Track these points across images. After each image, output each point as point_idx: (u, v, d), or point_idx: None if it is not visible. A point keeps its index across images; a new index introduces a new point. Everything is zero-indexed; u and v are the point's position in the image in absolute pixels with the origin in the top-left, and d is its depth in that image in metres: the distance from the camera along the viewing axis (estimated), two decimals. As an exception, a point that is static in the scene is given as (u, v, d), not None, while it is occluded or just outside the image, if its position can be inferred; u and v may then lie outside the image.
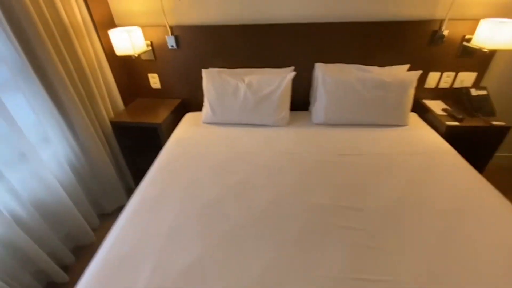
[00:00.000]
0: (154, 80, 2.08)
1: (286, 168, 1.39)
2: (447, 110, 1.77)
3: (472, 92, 1.74)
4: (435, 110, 1.80)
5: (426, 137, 1.63)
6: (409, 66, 1.78)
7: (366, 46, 1.80)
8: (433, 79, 1.88)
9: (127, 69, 2.04)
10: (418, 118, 1.85)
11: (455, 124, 1.64)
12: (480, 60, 1.78)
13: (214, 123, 1.84)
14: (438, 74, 1.86)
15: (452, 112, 1.74)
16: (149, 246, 1.00)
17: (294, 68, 1.85)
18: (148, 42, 1.90)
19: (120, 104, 1.98)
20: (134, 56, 1.74)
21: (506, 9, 1.63)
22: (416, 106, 1.82)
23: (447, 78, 1.87)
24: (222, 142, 1.63)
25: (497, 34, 1.50)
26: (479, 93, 1.75)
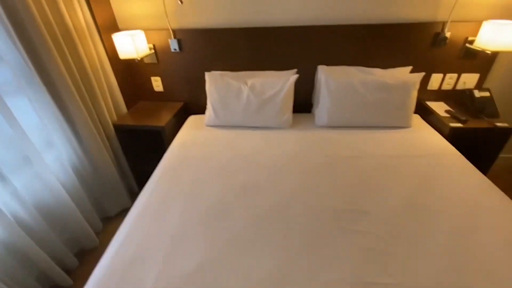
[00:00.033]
0: (157, 83, 2.09)
1: (290, 171, 1.39)
2: (450, 112, 1.77)
3: (475, 93, 1.74)
4: (438, 111, 1.80)
5: (429, 139, 1.63)
6: (411, 68, 1.79)
7: (369, 48, 1.81)
8: (436, 81, 1.88)
9: (130, 72, 2.04)
10: (421, 119, 1.84)
11: (459, 125, 1.64)
12: (482, 61, 1.78)
13: (217, 126, 1.84)
14: (441, 75, 1.86)
15: (455, 113, 1.74)
16: (154, 250, 1.00)
17: (296, 70, 1.85)
18: (150, 45, 1.90)
19: (123, 107, 1.98)
20: (137, 59, 1.75)
21: (508, 10, 1.63)
22: (418, 108, 1.82)
23: (450, 80, 1.87)
24: (225, 145, 1.63)
25: (499, 35, 1.50)
26: (482, 94, 1.75)
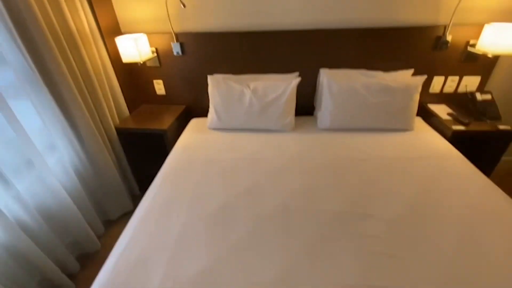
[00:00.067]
0: (159, 86, 2.09)
1: (293, 173, 1.39)
2: (453, 115, 1.77)
3: (477, 96, 1.75)
4: (440, 114, 1.80)
5: (432, 141, 1.63)
6: (413, 71, 1.79)
7: (370, 52, 1.81)
8: (437, 84, 1.89)
9: (132, 75, 2.05)
10: (423, 122, 1.85)
11: (462, 128, 1.64)
12: (484, 64, 1.79)
13: (220, 129, 1.84)
14: (443, 78, 1.87)
15: (457, 116, 1.74)
16: (158, 254, 0.99)
17: (298, 73, 1.86)
18: (153, 49, 1.91)
19: (125, 110, 1.98)
20: (140, 63, 1.75)
21: (509, 14, 1.64)
22: (420, 111, 1.82)
23: (452, 83, 1.88)
24: (228, 148, 1.63)
25: (501, 39, 1.51)
26: (484, 97, 1.75)
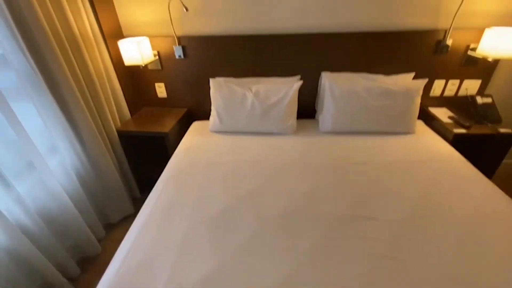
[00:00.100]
0: (161, 89, 2.09)
1: (296, 177, 1.38)
2: (453, 118, 1.78)
3: (477, 99, 1.76)
4: (441, 117, 1.81)
5: (434, 144, 1.63)
6: (414, 74, 1.80)
7: (372, 55, 1.82)
8: (438, 87, 1.90)
9: (134, 78, 2.05)
10: (424, 125, 1.85)
11: (463, 131, 1.65)
12: (484, 68, 1.80)
13: (222, 132, 1.84)
14: (443, 82, 1.88)
15: (458, 119, 1.75)
16: (161, 258, 0.98)
17: (300, 77, 1.86)
18: (155, 52, 1.91)
19: (126, 113, 1.98)
20: (142, 65, 1.75)
21: (509, 18, 1.66)
22: (421, 114, 1.82)
23: (452, 86, 1.89)
24: (230, 151, 1.63)
25: (502, 43, 1.52)
26: (485, 100, 1.76)
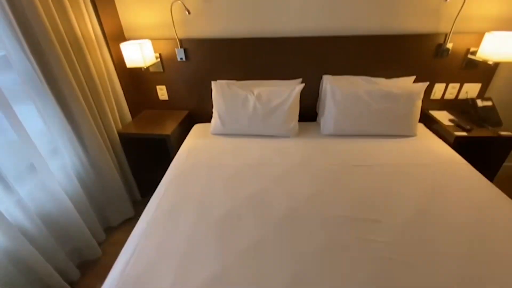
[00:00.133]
0: (162, 91, 2.09)
1: (299, 179, 1.38)
2: (454, 121, 1.79)
3: (478, 103, 1.77)
4: (442, 120, 1.82)
5: (435, 147, 1.64)
6: (415, 77, 1.82)
7: (372, 59, 1.83)
8: (439, 90, 1.91)
9: (135, 81, 2.04)
10: (425, 128, 1.86)
11: (464, 134, 1.65)
12: (484, 71, 1.82)
13: (223, 134, 1.83)
14: (444, 85, 1.89)
15: (459, 122, 1.76)
16: (166, 262, 0.97)
17: (301, 79, 1.87)
18: (157, 54, 1.91)
19: (127, 115, 1.97)
20: (144, 68, 1.75)
21: (509, 22, 1.68)
22: (422, 117, 1.83)
23: (453, 90, 1.90)
24: (232, 154, 1.62)
25: (502, 47, 1.54)
26: (485, 104, 1.77)
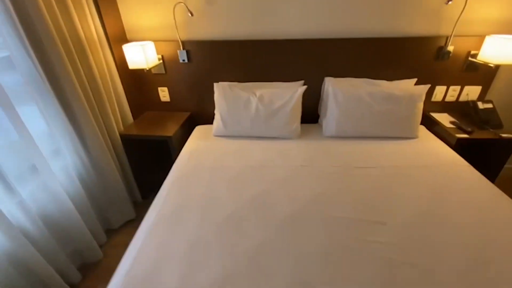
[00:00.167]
0: (164, 93, 2.09)
1: (302, 181, 1.38)
2: (455, 123, 1.80)
3: (479, 105, 1.78)
4: (443, 122, 1.83)
5: (437, 149, 1.64)
6: (416, 80, 1.83)
7: (374, 61, 1.84)
8: (440, 93, 1.92)
9: (137, 82, 2.04)
10: (426, 130, 1.87)
11: (465, 136, 1.66)
12: (485, 74, 1.83)
13: (225, 136, 1.83)
14: (445, 88, 1.91)
15: (460, 124, 1.76)
16: (170, 265, 0.96)
17: (303, 81, 1.87)
18: (159, 56, 1.92)
19: (129, 117, 1.97)
20: (146, 69, 1.75)
21: (509, 25, 1.69)
22: (423, 119, 1.84)
23: (453, 92, 1.92)
24: (235, 156, 1.62)
25: (502, 50, 1.55)
26: (486, 106, 1.79)
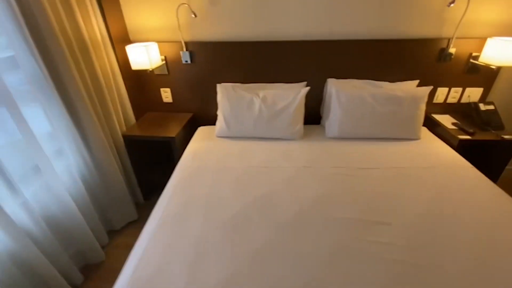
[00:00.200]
0: (166, 94, 2.09)
1: (305, 182, 1.38)
2: (457, 125, 1.81)
3: (480, 107, 1.79)
4: (445, 124, 1.84)
5: (439, 150, 1.65)
6: (418, 81, 1.84)
7: (376, 63, 1.85)
8: (441, 94, 1.93)
9: (140, 83, 2.04)
10: (428, 132, 1.87)
11: (467, 138, 1.67)
12: (486, 76, 1.84)
13: (228, 137, 1.83)
14: (446, 89, 1.92)
15: (462, 126, 1.77)
16: (175, 266, 0.95)
17: (306, 83, 1.88)
18: (162, 57, 1.92)
19: (131, 118, 1.97)
20: (149, 70, 1.75)
21: (511, 28, 1.71)
22: (425, 120, 1.84)
23: (455, 94, 1.93)
24: (238, 156, 1.62)
25: (504, 52, 1.57)
26: (487, 107, 1.80)
